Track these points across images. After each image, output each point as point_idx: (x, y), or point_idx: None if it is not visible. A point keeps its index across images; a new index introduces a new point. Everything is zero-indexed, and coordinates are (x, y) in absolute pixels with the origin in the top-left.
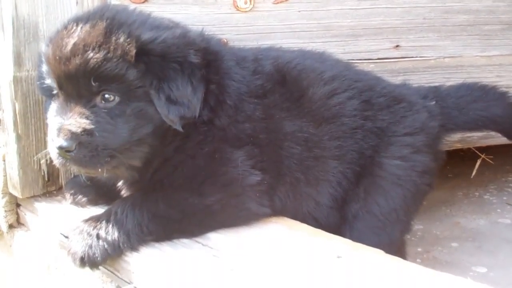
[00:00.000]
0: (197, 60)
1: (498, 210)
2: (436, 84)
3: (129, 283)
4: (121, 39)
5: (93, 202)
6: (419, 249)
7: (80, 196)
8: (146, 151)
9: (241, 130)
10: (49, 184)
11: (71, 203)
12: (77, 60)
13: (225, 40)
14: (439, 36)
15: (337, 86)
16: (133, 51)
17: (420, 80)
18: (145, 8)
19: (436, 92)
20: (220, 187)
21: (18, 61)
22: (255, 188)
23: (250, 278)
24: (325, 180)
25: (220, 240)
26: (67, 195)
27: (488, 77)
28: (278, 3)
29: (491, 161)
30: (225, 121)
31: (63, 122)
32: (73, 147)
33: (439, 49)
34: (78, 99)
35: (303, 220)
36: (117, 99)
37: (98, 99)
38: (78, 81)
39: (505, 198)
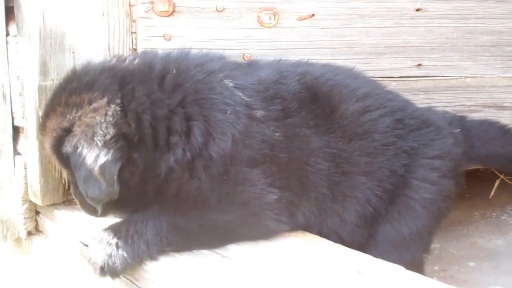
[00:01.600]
0: (102, 142)
1: None
2: (457, 104)
3: None
4: (44, 130)
5: None
6: (436, 268)
7: None
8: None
9: (256, 151)
10: (69, 193)
11: None
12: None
13: (248, 56)
14: (461, 56)
15: (370, 103)
16: (48, 144)
17: (441, 99)
18: (171, 21)
19: (461, 121)
20: (238, 205)
21: (44, 70)
22: (273, 206)
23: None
24: (352, 196)
25: (240, 252)
26: None
27: (509, 98)
28: (301, 19)
29: (510, 182)
30: (226, 150)
31: None
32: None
33: (461, 69)
34: None
35: (327, 236)
36: None
37: None
38: None
39: None
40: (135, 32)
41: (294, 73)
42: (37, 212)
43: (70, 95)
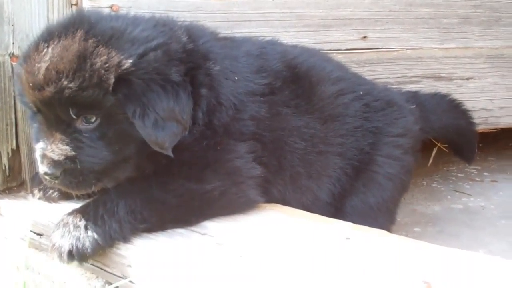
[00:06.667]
0: (180, 78)
1: (449, 197)
2: (399, 75)
3: (122, 278)
4: (97, 65)
5: (66, 196)
6: None
7: (51, 191)
8: (134, 165)
9: (244, 127)
10: (10, 180)
11: (40, 198)
12: (51, 89)
13: None
14: (403, 28)
15: (343, 87)
16: (111, 80)
17: (384, 71)
18: None
19: (415, 97)
20: (223, 175)
21: None
22: (255, 180)
23: (262, 263)
24: (326, 175)
25: (219, 228)
26: (35, 190)
27: (445, 69)
28: None
29: (446, 149)
30: (224, 120)
31: (46, 148)
32: (58, 173)
33: (403, 41)
34: (58, 124)
35: None
36: (97, 121)
37: (78, 122)
38: (54, 107)
39: (451, 186)
40: (75, 4)
41: (274, 51)
42: None
43: (116, 31)
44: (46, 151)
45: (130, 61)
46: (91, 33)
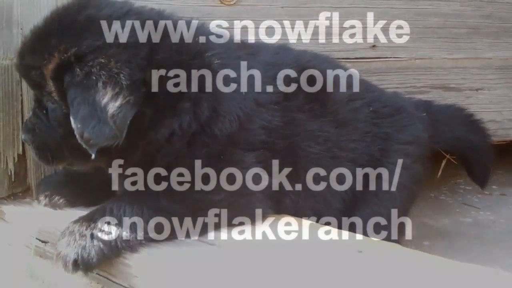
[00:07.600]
0: (128, 83)
1: (457, 210)
2: (408, 85)
3: None
4: (45, 49)
5: (71, 203)
6: None
7: (57, 197)
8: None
9: (253, 136)
10: (15, 185)
11: (46, 204)
12: (15, 61)
13: None
14: (412, 38)
15: (353, 92)
16: (51, 66)
17: (393, 80)
18: None
19: (426, 106)
20: (229, 186)
21: None
22: (263, 191)
23: (270, 276)
24: (339, 181)
25: (227, 240)
26: (41, 197)
27: (454, 79)
28: None
29: (455, 162)
30: (227, 130)
31: (27, 116)
32: (28, 141)
33: (411, 50)
34: (34, 96)
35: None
36: (53, 102)
37: (45, 99)
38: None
39: (460, 199)
40: None
41: (288, 56)
42: None
43: (90, 20)
44: (27, 119)
45: (77, 49)
46: (62, 18)
